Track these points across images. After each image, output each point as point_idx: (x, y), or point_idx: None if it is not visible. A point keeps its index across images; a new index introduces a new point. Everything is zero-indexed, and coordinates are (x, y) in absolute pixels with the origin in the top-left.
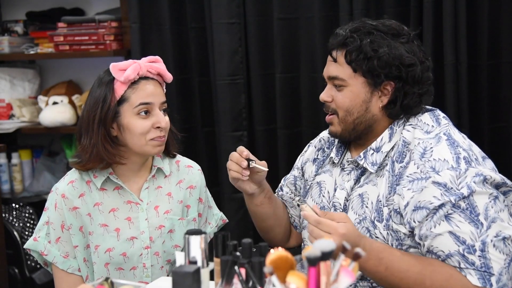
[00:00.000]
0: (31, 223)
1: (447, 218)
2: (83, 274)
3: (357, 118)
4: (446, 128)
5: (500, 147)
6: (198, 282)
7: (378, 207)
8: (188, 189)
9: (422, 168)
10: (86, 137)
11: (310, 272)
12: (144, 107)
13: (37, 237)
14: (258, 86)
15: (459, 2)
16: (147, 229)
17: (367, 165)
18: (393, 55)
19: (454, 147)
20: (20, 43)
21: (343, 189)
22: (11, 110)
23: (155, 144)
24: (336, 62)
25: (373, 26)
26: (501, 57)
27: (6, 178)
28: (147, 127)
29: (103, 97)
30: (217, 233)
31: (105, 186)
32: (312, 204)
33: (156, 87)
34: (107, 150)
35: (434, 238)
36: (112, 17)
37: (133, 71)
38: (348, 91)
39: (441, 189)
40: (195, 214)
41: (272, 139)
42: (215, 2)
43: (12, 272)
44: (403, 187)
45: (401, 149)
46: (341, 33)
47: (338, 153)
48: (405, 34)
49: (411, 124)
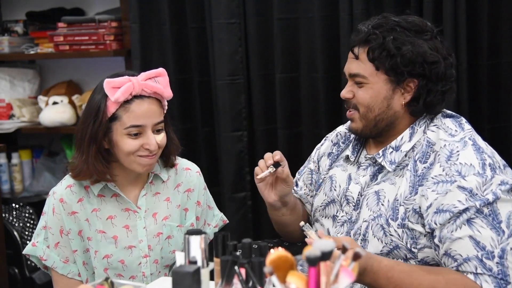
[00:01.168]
0: (31, 223)
1: (469, 223)
2: (83, 279)
3: (378, 115)
4: (471, 133)
5: (500, 147)
6: (198, 282)
7: (394, 205)
8: (186, 192)
9: (448, 171)
10: (78, 151)
11: (310, 272)
12: (135, 129)
13: (35, 242)
14: (258, 86)
15: (459, 2)
16: (145, 237)
17: (385, 163)
18: (416, 53)
19: (480, 152)
20: (20, 43)
21: (357, 183)
22: (11, 110)
23: (143, 163)
24: (358, 59)
25: (396, 22)
26: (501, 57)
27: (6, 178)
28: (135, 147)
29: (95, 111)
30: (217, 233)
31: (103, 193)
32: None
33: (151, 106)
34: (96, 169)
35: (454, 241)
36: (112, 17)
37: (124, 93)
38: (369, 88)
39: (466, 194)
40: (193, 218)
41: (272, 139)
42: (215, 2)
43: (12, 272)
44: (427, 188)
45: (425, 149)
46: (363, 30)
47: (354, 151)
48: (428, 30)
49: (436, 124)
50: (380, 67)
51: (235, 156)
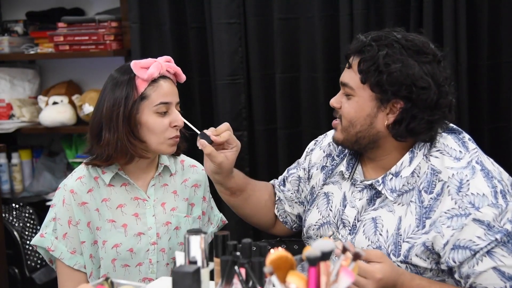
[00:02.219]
0: (31, 223)
1: (489, 254)
2: (87, 271)
3: (360, 132)
4: (477, 155)
5: (500, 147)
6: (198, 282)
7: (397, 240)
8: (193, 187)
9: (460, 204)
10: (109, 132)
11: (310, 272)
12: (164, 106)
13: (43, 233)
14: (258, 86)
15: (459, 2)
16: (154, 225)
17: (386, 191)
18: (405, 74)
19: (490, 178)
20: (20, 43)
21: (353, 207)
22: (11, 110)
23: (171, 143)
24: (351, 69)
25: (396, 38)
26: (501, 57)
27: (6, 178)
28: (165, 126)
29: (125, 95)
30: (217, 233)
31: (112, 183)
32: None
33: (173, 87)
34: (132, 144)
35: (478, 276)
36: (112, 17)
37: (156, 69)
38: (355, 102)
39: (484, 228)
40: (199, 212)
41: (272, 139)
42: (215, 2)
43: (12, 272)
44: (442, 224)
45: (430, 178)
46: (361, 39)
47: (348, 167)
48: (429, 53)
49: (439, 149)
50: (366, 81)
51: None
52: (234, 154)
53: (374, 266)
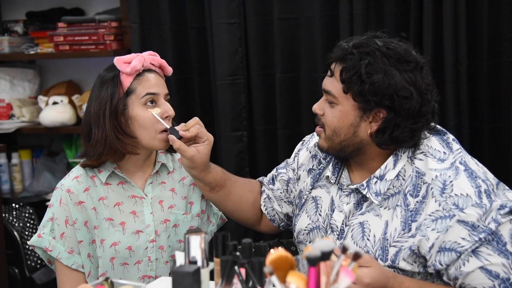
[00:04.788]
0: (31, 223)
1: (475, 254)
2: (86, 271)
3: (344, 141)
4: (460, 155)
5: (500, 147)
6: (198, 282)
7: (384, 245)
8: (191, 185)
9: (444, 205)
10: (97, 131)
11: (310, 272)
12: (150, 97)
13: (41, 233)
14: (258, 86)
15: (459, 2)
16: (152, 222)
17: (371, 195)
18: (387, 84)
19: (473, 178)
20: (20, 43)
21: (341, 211)
22: (11, 110)
23: (163, 138)
24: (333, 77)
25: (377, 46)
26: (501, 57)
27: (6, 178)
28: (155, 118)
29: (111, 92)
30: (217, 233)
31: (109, 181)
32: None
33: (159, 79)
34: (120, 140)
35: (466, 277)
36: (112, 17)
37: (139, 62)
38: (338, 110)
39: (468, 229)
40: (199, 210)
41: (272, 139)
42: (215, 2)
43: (12, 272)
44: (427, 227)
45: (415, 181)
46: (343, 46)
47: (334, 171)
48: (411, 61)
49: (423, 151)
50: (349, 90)
51: (235, 156)
52: (206, 147)
53: (362, 271)
